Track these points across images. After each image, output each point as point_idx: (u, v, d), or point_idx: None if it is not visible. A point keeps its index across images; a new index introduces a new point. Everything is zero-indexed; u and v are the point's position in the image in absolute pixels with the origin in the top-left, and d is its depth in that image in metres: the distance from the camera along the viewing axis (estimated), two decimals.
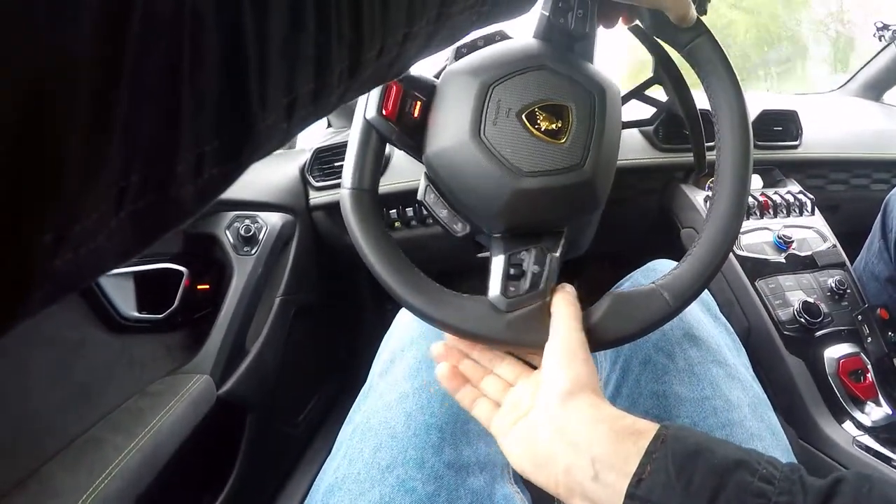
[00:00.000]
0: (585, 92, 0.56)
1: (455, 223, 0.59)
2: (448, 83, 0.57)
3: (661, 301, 0.53)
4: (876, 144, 1.37)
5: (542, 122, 0.55)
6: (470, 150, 0.54)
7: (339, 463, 0.62)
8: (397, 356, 0.75)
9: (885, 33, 1.59)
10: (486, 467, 0.65)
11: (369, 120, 0.56)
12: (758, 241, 1.07)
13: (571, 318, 0.51)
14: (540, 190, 0.53)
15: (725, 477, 0.36)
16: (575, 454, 0.42)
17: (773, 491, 0.35)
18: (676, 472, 0.36)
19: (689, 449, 0.38)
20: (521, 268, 0.55)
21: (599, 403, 0.44)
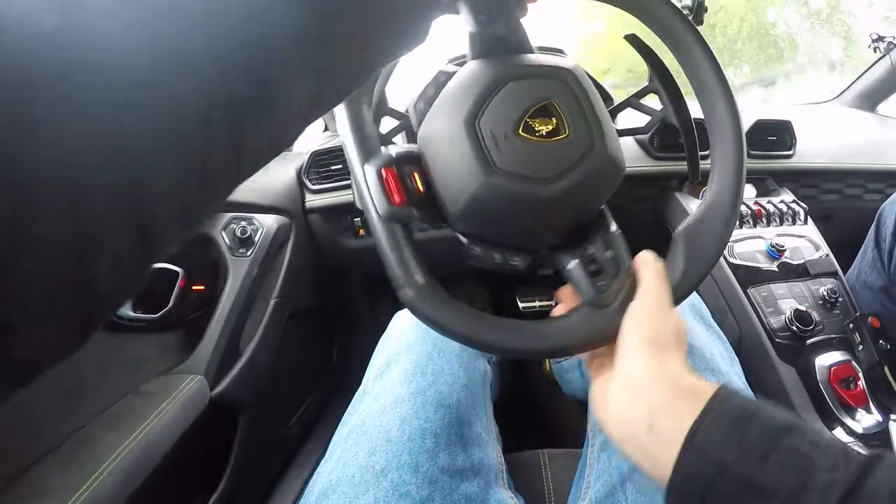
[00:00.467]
0: (557, 81, 0.56)
1: (513, 259, 0.59)
2: (431, 140, 0.57)
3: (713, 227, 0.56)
4: (870, 155, 1.37)
5: (539, 126, 0.55)
6: (493, 187, 0.53)
7: (334, 466, 0.63)
8: (393, 360, 0.75)
9: (880, 44, 1.60)
10: (481, 473, 0.66)
11: (386, 215, 0.55)
12: (750, 249, 1.08)
13: (652, 277, 0.52)
14: (570, 189, 0.53)
15: (777, 438, 0.37)
16: (633, 404, 0.45)
17: (820, 455, 0.36)
18: (731, 429, 0.38)
19: (745, 409, 0.39)
20: (596, 262, 0.55)
21: (665, 360, 0.46)
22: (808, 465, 0.35)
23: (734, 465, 0.37)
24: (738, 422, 0.39)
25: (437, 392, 0.69)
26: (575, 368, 1.01)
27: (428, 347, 0.75)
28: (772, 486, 0.36)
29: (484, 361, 0.83)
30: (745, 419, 0.39)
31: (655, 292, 0.51)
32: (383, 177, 0.55)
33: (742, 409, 0.40)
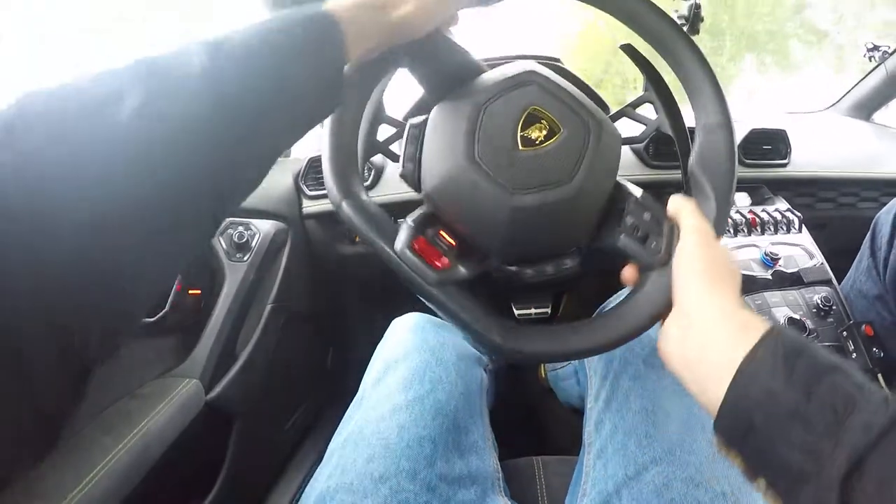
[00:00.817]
0: (528, 87, 0.57)
1: (564, 264, 0.60)
2: (441, 192, 0.57)
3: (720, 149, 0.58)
4: (865, 164, 1.38)
5: (534, 134, 0.56)
6: (520, 208, 0.54)
7: (331, 472, 0.63)
8: (391, 367, 0.75)
9: (875, 54, 1.61)
10: (478, 480, 0.66)
11: (438, 283, 0.55)
12: (745, 257, 1.08)
13: (690, 217, 0.54)
14: (586, 176, 0.55)
15: (823, 374, 0.39)
16: (686, 337, 0.48)
17: (862, 397, 0.37)
18: (783, 361, 0.40)
19: (797, 345, 0.41)
20: (639, 228, 0.56)
21: (717, 292, 0.48)
22: (849, 404, 0.37)
23: (782, 394, 0.39)
24: (790, 355, 0.41)
25: (436, 400, 0.70)
26: (571, 376, 1.01)
27: (426, 355, 0.76)
28: (813, 418, 0.38)
29: (480, 369, 0.83)
30: (796, 354, 0.41)
31: (696, 228, 0.53)
32: (417, 250, 0.55)
33: (794, 345, 0.41)
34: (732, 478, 0.56)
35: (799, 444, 0.38)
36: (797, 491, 0.39)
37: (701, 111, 0.60)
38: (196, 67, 0.37)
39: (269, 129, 0.43)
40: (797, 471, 0.39)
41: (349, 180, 0.58)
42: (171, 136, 0.34)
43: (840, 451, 0.36)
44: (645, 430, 0.63)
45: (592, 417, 0.72)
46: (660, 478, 0.58)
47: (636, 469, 0.60)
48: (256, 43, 0.42)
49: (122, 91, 0.34)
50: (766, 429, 0.40)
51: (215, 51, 0.39)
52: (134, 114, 0.33)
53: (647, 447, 0.61)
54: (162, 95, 0.35)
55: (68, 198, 0.30)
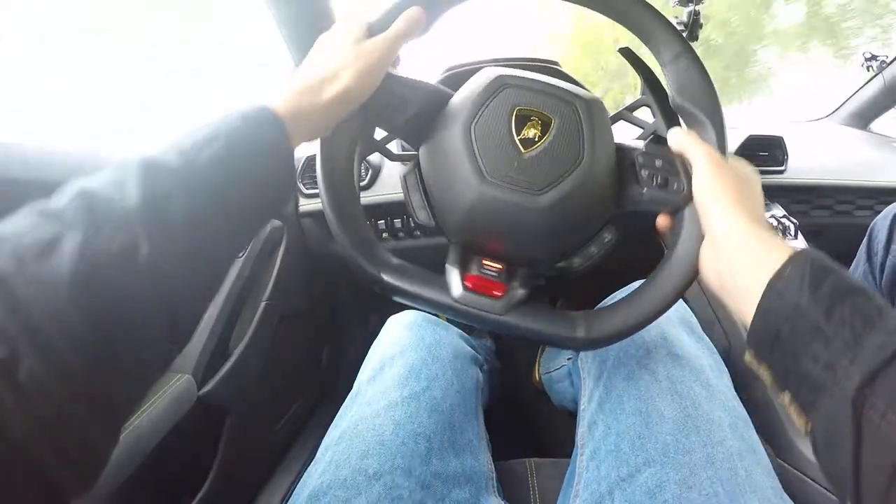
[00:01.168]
0: (504, 93, 0.58)
1: (605, 237, 0.62)
2: (474, 223, 0.58)
3: (697, 79, 0.59)
4: (861, 172, 1.38)
5: (529, 133, 0.57)
6: (548, 212, 0.55)
7: (325, 468, 0.62)
8: (386, 363, 0.75)
9: (873, 63, 1.62)
10: (472, 479, 0.66)
11: (504, 311, 0.57)
12: None
13: (694, 146, 0.57)
14: (594, 147, 0.57)
15: (846, 294, 0.41)
16: (718, 259, 0.52)
17: (882, 319, 0.39)
18: (809, 279, 0.43)
19: (824, 265, 0.44)
20: (656, 176, 0.59)
21: (739, 212, 0.51)
22: (868, 324, 0.39)
23: (806, 308, 0.42)
24: (816, 274, 0.43)
25: (431, 397, 0.70)
26: (564, 378, 1.01)
27: (422, 352, 0.76)
28: (832, 335, 0.40)
29: (476, 368, 0.83)
30: (822, 273, 0.43)
31: (703, 155, 0.55)
32: (473, 289, 0.57)
33: (822, 265, 0.44)
34: (725, 480, 0.56)
35: (819, 358, 0.41)
36: (816, 403, 0.41)
37: (658, 49, 0.61)
38: (133, 200, 0.36)
39: (218, 246, 0.43)
40: (816, 383, 0.41)
41: (372, 249, 0.59)
42: (114, 276, 0.34)
43: (855, 367, 0.39)
44: (638, 431, 0.63)
45: (585, 419, 0.72)
46: (653, 479, 0.58)
47: (629, 471, 0.60)
48: (200, 159, 0.41)
49: (61, 234, 0.33)
50: (790, 341, 0.43)
51: (153, 173, 0.39)
52: (75, 255, 0.32)
53: (641, 448, 0.61)
54: (101, 233, 0.34)
55: (18, 352, 0.29)
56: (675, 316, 0.79)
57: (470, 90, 0.59)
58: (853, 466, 0.39)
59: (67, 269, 0.32)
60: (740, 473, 0.57)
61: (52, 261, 0.32)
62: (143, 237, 0.35)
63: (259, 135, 0.45)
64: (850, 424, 0.38)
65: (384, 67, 0.56)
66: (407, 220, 1.11)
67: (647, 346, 0.71)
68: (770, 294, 0.45)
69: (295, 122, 0.49)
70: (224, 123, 0.44)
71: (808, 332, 0.42)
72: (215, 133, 0.43)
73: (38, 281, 0.31)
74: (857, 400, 0.38)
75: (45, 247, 0.32)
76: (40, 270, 0.31)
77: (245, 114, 0.46)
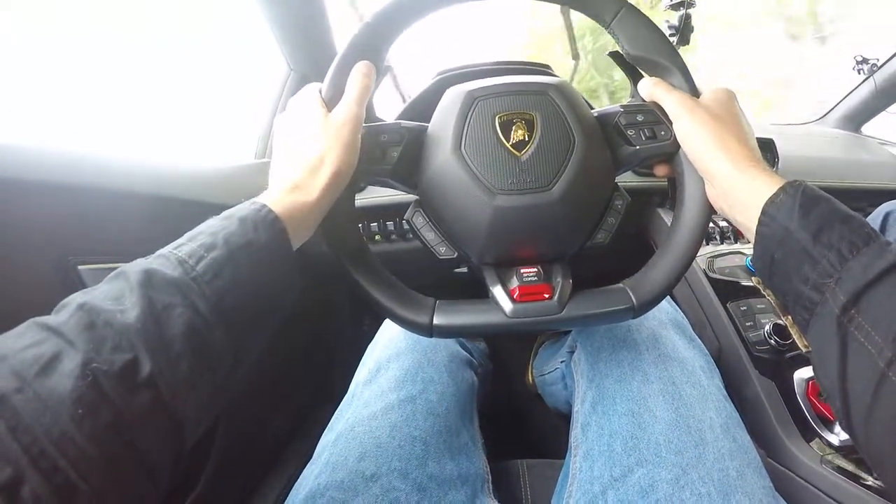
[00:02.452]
0: (483, 103, 0.59)
1: (617, 202, 0.63)
2: (505, 229, 0.58)
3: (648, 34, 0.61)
4: (853, 174, 1.39)
5: (517, 136, 0.57)
6: (559, 202, 0.56)
7: (321, 470, 0.63)
8: (383, 366, 0.76)
9: (864, 66, 1.63)
10: (468, 482, 0.66)
11: (561, 309, 0.58)
12: (730, 264, 1.08)
13: (666, 95, 0.59)
14: (583, 127, 0.58)
15: (834, 222, 0.44)
16: (717, 190, 0.55)
17: (865, 243, 0.42)
18: (800, 204, 0.46)
19: (816, 194, 0.47)
20: (642, 130, 0.61)
21: (725, 149, 0.53)
22: (854, 248, 0.42)
23: (795, 232, 0.45)
24: (807, 201, 0.46)
25: (427, 400, 0.70)
26: (558, 381, 1.02)
27: (418, 356, 0.76)
28: (819, 256, 0.43)
29: (471, 371, 0.84)
30: (814, 201, 0.46)
31: (675, 105, 0.58)
32: (523, 299, 0.58)
33: (814, 194, 0.47)
34: (717, 479, 0.57)
35: (808, 280, 0.44)
36: (810, 323, 0.45)
37: (599, 14, 0.62)
38: (133, 314, 0.36)
39: (220, 359, 0.42)
40: (808, 304, 0.44)
41: (409, 297, 0.59)
42: (116, 396, 0.33)
43: (840, 287, 0.41)
44: (631, 431, 0.63)
45: (579, 420, 0.72)
46: (645, 479, 0.58)
47: (622, 471, 0.61)
48: (199, 268, 0.41)
49: (61, 351, 0.33)
50: (783, 263, 0.47)
51: (153, 284, 0.38)
52: (75, 375, 0.32)
53: (633, 449, 0.62)
54: (101, 352, 0.34)
55: (22, 475, 0.28)
56: (667, 318, 0.79)
57: (444, 115, 0.59)
58: (840, 382, 0.41)
59: (69, 389, 0.31)
60: (731, 473, 0.57)
61: (53, 380, 0.31)
62: (145, 354, 0.35)
63: (258, 239, 0.45)
64: (836, 342, 0.41)
65: (358, 133, 0.55)
66: (399, 223, 1.11)
67: (638, 347, 0.72)
68: (764, 219, 0.48)
69: (292, 221, 0.49)
70: (222, 228, 0.44)
71: (797, 254, 0.45)
72: (213, 240, 0.43)
73: (40, 400, 0.30)
74: (842, 318, 0.41)
75: (45, 365, 0.32)
76: (41, 389, 0.31)
77: (244, 217, 0.45)
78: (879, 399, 0.38)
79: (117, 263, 0.41)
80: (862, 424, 0.40)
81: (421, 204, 0.62)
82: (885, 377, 0.38)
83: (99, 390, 0.32)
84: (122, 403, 0.33)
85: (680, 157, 0.59)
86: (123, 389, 0.33)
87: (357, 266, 0.58)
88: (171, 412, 0.36)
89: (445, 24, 0.64)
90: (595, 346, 0.76)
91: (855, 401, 0.41)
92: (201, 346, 0.39)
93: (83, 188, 0.69)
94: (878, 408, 0.39)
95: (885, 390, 0.38)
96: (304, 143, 0.54)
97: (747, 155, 0.53)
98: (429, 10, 0.60)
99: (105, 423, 0.32)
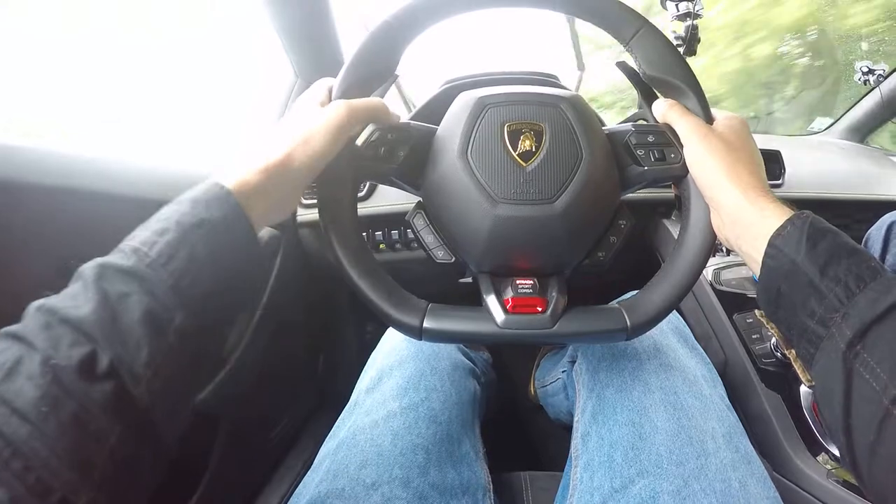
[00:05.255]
0: (491, 112, 0.59)
1: (621, 221, 0.63)
2: (504, 240, 0.58)
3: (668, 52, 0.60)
4: (859, 185, 1.39)
5: (525, 147, 0.57)
6: (561, 216, 0.56)
7: (322, 477, 0.62)
8: (385, 374, 0.75)
9: (870, 77, 1.62)
10: (469, 491, 0.66)
11: (554, 322, 0.57)
12: (737, 276, 1.08)
13: (679, 119, 0.59)
14: (592, 144, 0.58)
15: (842, 256, 0.44)
16: (723, 220, 0.55)
17: (873, 278, 0.42)
18: (808, 237, 0.46)
19: (823, 227, 0.47)
20: (651, 152, 0.61)
21: (735, 179, 0.53)
22: (861, 283, 0.42)
23: (802, 265, 0.45)
24: (814, 234, 0.46)
25: (430, 408, 0.70)
26: (559, 392, 1.01)
27: (421, 364, 0.76)
28: (826, 290, 0.43)
29: (474, 381, 0.83)
30: (821, 233, 0.46)
31: (688, 129, 0.57)
32: (514, 310, 0.57)
33: (821, 226, 0.47)
34: (719, 491, 0.56)
35: (814, 314, 0.44)
36: (815, 358, 0.44)
37: (618, 30, 0.61)
38: (88, 307, 0.36)
39: (183, 344, 0.41)
40: (813, 338, 0.44)
41: (402, 298, 0.59)
42: (78, 391, 0.33)
43: (846, 322, 0.41)
44: (631, 442, 0.63)
45: (579, 430, 0.72)
46: (646, 490, 0.58)
47: (622, 482, 0.60)
48: (153, 253, 0.40)
49: (22, 355, 0.33)
50: (789, 296, 0.46)
51: (107, 275, 0.38)
52: (35, 375, 0.32)
53: (634, 460, 0.61)
54: (59, 349, 0.34)
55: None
56: (668, 326, 0.79)
57: (454, 120, 0.59)
58: (843, 418, 0.41)
59: (32, 389, 0.32)
60: (734, 485, 0.57)
61: (17, 383, 0.32)
62: (103, 345, 0.35)
63: (212, 217, 0.43)
64: (841, 377, 0.41)
65: (350, 126, 0.55)
66: (404, 231, 1.11)
67: (639, 356, 0.71)
68: (771, 251, 0.48)
69: (258, 201, 0.47)
70: (174, 212, 0.43)
71: (804, 288, 0.45)
72: (165, 224, 0.42)
73: (6, 404, 0.31)
74: (847, 354, 0.40)
75: (8, 370, 0.32)
76: (7, 394, 0.31)
77: (195, 198, 0.44)
78: (883, 436, 0.38)
79: None
80: (865, 461, 0.40)
81: (423, 206, 0.62)
82: (889, 414, 0.37)
83: (60, 386, 0.32)
84: (83, 397, 0.33)
85: (688, 181, 0.59)
86: (84, 382, 0.33)
87: (354, 266, 0.57)
88: (136, 401, 0.36)
89: (451, 32, 0.64)
90: (596, 356, 0.76)
91: (858, 437, 0.40)
92: (162, 331, 0.38)
93: (85, 192, 0.70)
94: (881, 445, 0.38)
95: (889, 427, 0.38)
96: (289, 125, 0.53)
97: (756, 185, 0.52)
98: (450, 14, 0.59)
99: (70, 419, 0.32)
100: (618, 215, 0.62)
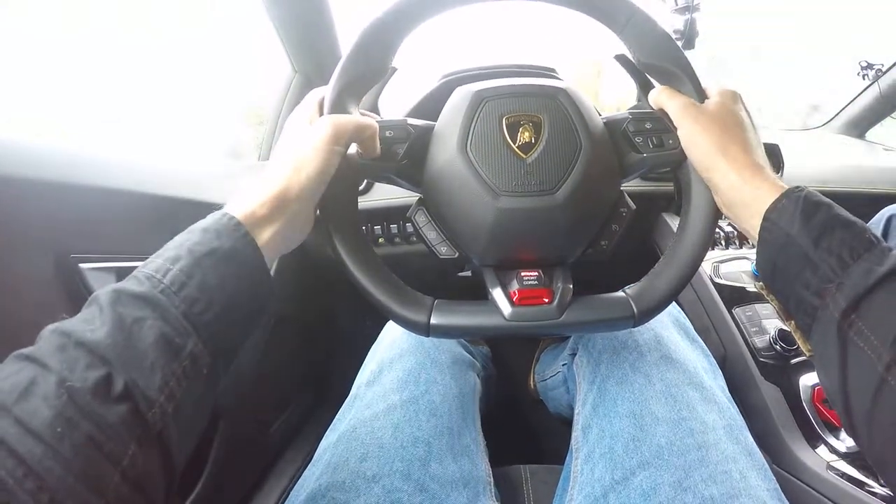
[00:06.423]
0: (488, 106, 0.59)
1: (623, 208, 0.63)
2: (508, 234, 0.58)
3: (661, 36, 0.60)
4: (857, 179, 1.39)
5: (524, 139, 0.57)
6: (563, 207, 0.56)
7: (322, 470, 0.62)
8: (385, 367, 0.75)
9: (869, 72, 1.63)
10: (470, 483, 0.66)
11: (561, 312, 0.57)
12: (736, 269, 1.08)
13: (669, 101, 0.59)
14: (593, 134, 0.58)
15: (836, 228, 0.45)
16: (720, 198, 0.55)
17: (866, 249, 0.43)
18: (802, 210, 0.46)
19: (818, 200, 0.47)
20: (650, 138, 0.61)
21: (730, 159, 0.53)
22: (855, 254, 0.43)
23: (797, 237, 0.46)
24: (808, 207, 0.46)
25: (430, 401, 0.70)
26: (560, 385, 1.01)
27: (421, 357, 0.76)
28: (820, 263, 0.44)
29: (474, 374, 0.83)
30: (816, 206, 0.46)
31: (679, 111, 0.57)
32: (521, 302, 0.57)
33: (815, 199, 0.47)
34: (720, 482, 0.56)
35: (809, 285, 0.45)
36: (812, 328, 0.45)
37: (610, 19, 0.61)
38: (103, 330, 0.37)
39: (195, 368, 0.41)
40: (810, 309, 0.45)
41: (408, 295, 0.58)
42: (93, 412, 0.33)
43: (840, 292, 0.42)
44: (632, 434, 0.63)
45: (580, 422, 0.72)
46: (647, 482, 0.58)
47: (623, 473, 0.60)
48: (167, 280, 0.41)
49: (37, 376, 0.33)
50: (785, 269, 0.47)
51: (122, 301, 0.39)
52: (50, 396, 0.32)
53: (635, 451, 0.61)
54: (74, 371, 0.34)
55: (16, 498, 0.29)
56: (669, 318, 0.79)
57: (452, 114, 0.59)
58: (841, 386, 0.42)
59: (46, 410, 0.32)
60: (734, 476, 0.57)
61: (32, 403, 0.32)
62: (118, 368, 0.35)
63: (222, 246, 0.44)
64: (837, 347, 0.42)
65: (338, 145, 0.53)
66: (403, 226, 1.11)
67: (640, 348, 0.71)
68: (766, 225, 0.49)
69: (266, 230, 0.48)
70: (186, 240, 0.44)
71: (799, 260, 0.46)
72: (178, 252, 0.43)
73: (21, 424, 0.31)
74: (842, 323, 0.41)
75: (23, 391, 0.32)
76: (22, 414, 0.31)
77: (206, 227, 0.45)
78: (879, 403, 0.39)
79: (118, 261, 0.41)
80: (864, 428, 0.41)
81: (424, 202, 0.62)
82: (885, 381, 0.38)
83: (75, 407, 0.33)
84: (98, 418, 0.33)
85: (687, 165, 0.59)
86: (99, 404, 0.33)
87: (357, 264, 0.57)
88: (149, 424, 0.36)
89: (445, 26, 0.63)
90: (597, 348, 0.76)
91: (856, 405, 0.41)
92: (175, 356, 0.39)
93: (84, 187, 0.70)
94: (878, 411, 0.39)
95: (885, 394, 0.38)
96: (282, 151, 0.53)
97: (750, 163, 0.52)
98: (443, 8, 0.59)
99: (84, 439, 0.32)
100: (618, 203, 0.62)
